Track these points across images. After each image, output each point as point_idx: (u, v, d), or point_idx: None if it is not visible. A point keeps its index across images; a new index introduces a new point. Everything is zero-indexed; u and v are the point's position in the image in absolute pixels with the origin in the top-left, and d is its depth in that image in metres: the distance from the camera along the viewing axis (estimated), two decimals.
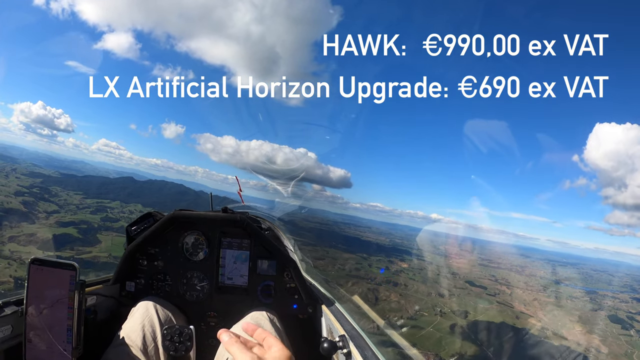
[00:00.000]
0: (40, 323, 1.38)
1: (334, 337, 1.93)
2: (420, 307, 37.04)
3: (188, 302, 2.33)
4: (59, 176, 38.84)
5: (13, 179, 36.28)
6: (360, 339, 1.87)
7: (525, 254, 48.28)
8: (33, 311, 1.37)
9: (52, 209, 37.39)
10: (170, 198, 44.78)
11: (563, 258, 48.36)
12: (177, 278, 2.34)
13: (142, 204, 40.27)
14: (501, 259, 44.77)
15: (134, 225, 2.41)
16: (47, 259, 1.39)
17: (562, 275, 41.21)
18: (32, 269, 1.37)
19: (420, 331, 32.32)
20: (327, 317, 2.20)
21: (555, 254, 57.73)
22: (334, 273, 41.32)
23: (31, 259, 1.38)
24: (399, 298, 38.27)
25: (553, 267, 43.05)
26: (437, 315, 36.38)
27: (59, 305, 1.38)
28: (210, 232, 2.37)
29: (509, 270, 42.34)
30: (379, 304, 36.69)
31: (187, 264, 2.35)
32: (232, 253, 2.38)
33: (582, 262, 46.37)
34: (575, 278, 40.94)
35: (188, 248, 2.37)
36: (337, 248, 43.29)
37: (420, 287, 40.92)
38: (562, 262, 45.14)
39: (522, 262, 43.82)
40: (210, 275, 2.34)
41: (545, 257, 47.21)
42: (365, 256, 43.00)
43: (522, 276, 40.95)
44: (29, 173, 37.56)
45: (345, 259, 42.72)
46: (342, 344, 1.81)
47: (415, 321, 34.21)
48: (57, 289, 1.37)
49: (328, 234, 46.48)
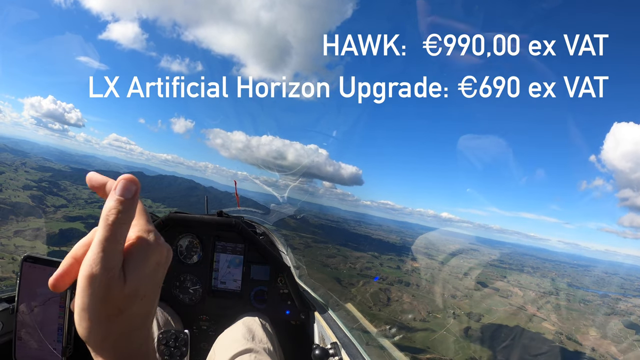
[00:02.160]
0: (31, 321, 1.20)
1: (325, 345, 1.91)
2: (433, 308, 36.93)
3: (180, 305, 2.32)
4: (69, 170, 38.35)
5: (22, 173, 35.92)
6: (353, 347, 1.86)
7: (537, 255, 48.13)
8: (24, 309, 1.18)
9: (60, 203, 37.02)
10: (180, 193, 44.43)
11: (574, 260, 48.28)
12: (170, 280, 2.32)
13: (151, 199, 39.91)
14: (512, 260, 44.63)
15: None
16: (41, 257, 1.16)
17: (573, 277, 41.09)
18: (24, 267, 1.16)
19: (433, 334, 32.21)
20: (320, 324, 2.19)
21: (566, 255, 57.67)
22: (345, 272, 41.17)
23: (24, 256, 1.14)
24: (411, 299, 38.14)
25: (564, 269, 42.95)
26: (450, 318, 36.30)
27: (50, 304, 1.19)
28: (205, 235, 2.36)
29: (520, 271, 42.22)
30: (391, 305, 36.56)
31: (181, 266, 2.34)
32: (226, 257, 2.37)
33: (593, 264, 46.31)
34: (587, 281, 40.87)
35: (182, 251, 2.35)
36: (348, 246, 43.07)
37: (432, 288, 40.82)
38: (573, 264, 45.05)
39: (533, 264, 43.69)
40: (203, 279, 2.34)
41: (556, 258, 47.06)
42: (377, 255, 42.81)
43: (534, 278, 40.82)
44: (39, 167, 37.12)
45: (356, 257, 42.56)
46: (334, 351, 1.78)
47: (428, 323, 34.10)
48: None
49: (339, 232, 46.29)
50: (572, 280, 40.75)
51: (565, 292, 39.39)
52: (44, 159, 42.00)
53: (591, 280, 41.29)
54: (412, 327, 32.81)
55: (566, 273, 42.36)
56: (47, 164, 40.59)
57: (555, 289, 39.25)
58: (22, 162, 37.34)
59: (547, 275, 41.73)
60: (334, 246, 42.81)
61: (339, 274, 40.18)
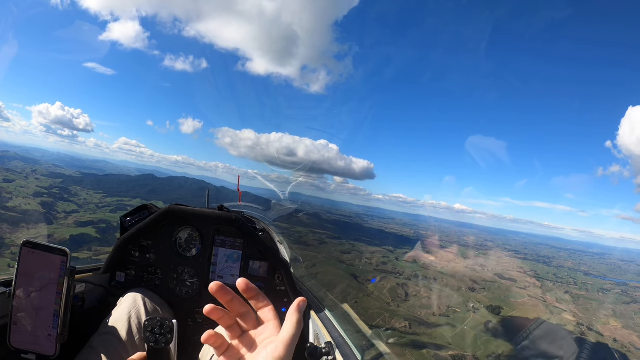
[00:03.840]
0: (27, 306, 1.38)
1: (320, 344, 1.84)
2: (452, 302, 36.84)
3: (177, 297, 2.30)
4: (80, 176, 37.77)
5: (32, 181, 35.44)
6: (347, 347, 1.85)
7: (551, 245, 47.95)
8: (21, 294, 1.37)
9: (71, 209, 36.74)
10: (191, 194, 44.01)
11: (588, 248, 48.18)
12: (168, 272, 2.31)
13: (163, 200, 39.51)
14: (527, 250, 44.46)
15: (129, 216, 2.38)
16: (40, 243, 1.37)
17: (590, 266, 41.02)
18: (23, 252, 1.36)
19: (454, 329, 32.14)
20: (315, 323, 2.17)
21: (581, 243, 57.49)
22: (361, 267, 41.01)
23: (23, 241, 1.35)
24: (429, 293, 38.04)
25: (580, 258, 42.83)
26: (470, 312, 36.24)
27: (47, 289, 1.39)
28: (205, 229, 2.34)
29: (536, 261, 42.14)
30: (410, 300, 36.46)
31: (179, 259, 2.33)
32: (225, 252, 2.36)
33: (607, 252, 46.12)
34: (603, 269, 40.78)
35: (181, 243, 2.34)
36: (362, 241, 42.88)
37: (449, 281, 40.72)
38: (588, 252, 44.89)
39: (549, 253, 43.54)
40: (201, 272, 2.32)
41: (571, 247, 46.96)
42: (392, 249, 42.60)
43: (551, 267, 40.77)
44: (49, 174, 36.54)
45: (371, 252, 42.36)
46: (328, 350, 1.73)
47: (447, 318, 34.03)
48: (47, 273, 1.38)
49: (352, 227, 45.97)
50: (589, 269, 40.66)
51: (582, 281, 39.32)
52: (55, 166, 41.40)
53: (607, 268, 41.21)
54: (432, 323, 32.72)
55: (582, 262, 42.24)
56: (58, 170, 39.77)
57: (573, 278, 39.18)
58: (33, 169, 36.72)
59: (563, 264, 41.64)
60: (348, 242, 42.60)
61: (355, 270, 40.03)
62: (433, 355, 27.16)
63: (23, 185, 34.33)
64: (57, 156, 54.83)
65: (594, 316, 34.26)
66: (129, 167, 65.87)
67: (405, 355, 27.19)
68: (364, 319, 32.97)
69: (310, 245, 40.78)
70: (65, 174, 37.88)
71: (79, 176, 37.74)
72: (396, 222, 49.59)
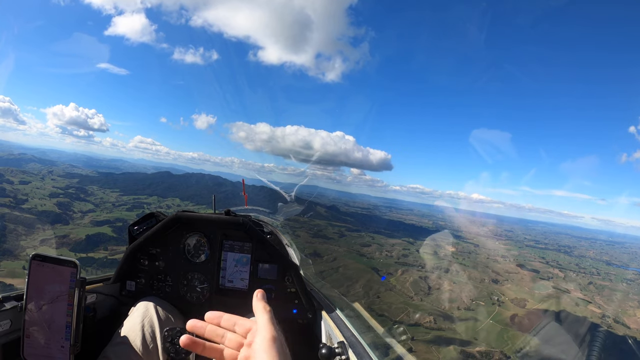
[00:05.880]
0: (39, 319, 1.37)
1: (332, 344, 1.87)
2: (476, 295, 36.57)
3: (188, 304, 2.30)
4: (96, 175, 36.98)
5: (49, 181, 34.88)
6: (360, 346, 1.82)
7: (571, 234, 47.50)
8: (32, 307, 1.36)
9: (87, 208, 36.30)
10: (207, 190, 43.42)
11: (609, 237, 47.73)
12: (178, 279, 2.31)
13: (179, 197, 38.93)
14: (548, 239, 44.03)
15: (136, 225, 2.37)
16: (49, 255, 1.36)
17: (611, 255, 40.65)
18: (33, 265, 1.35)
19: (479, 324, 31.94)
20: (327, 323, 2.15)
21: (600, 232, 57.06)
22: (382, 261, 40.68)
23: (32, 254, 1.34)
24: (452, 286, 37.79)
25: (601, 247, 42.44)
26: (495, 305, 36.02)
27: (58, 301, 1.37)
28: (212, 234, 2.34)
29: (557, 251, 41.77)
30: (432, 294, 36.23)
31: (188, 265, 2.33)
32: (234, 256, 2.34)
33: (628, 240, 45.60)
34: (625, 258, 40.44)
35: (190, 249, 2.34)
36: (382, 234, 42.49)
37: (472, 273, 40.40)
38: (608, 241, 44.40)
39: (569, 242, 43.09)
40: (210, 278, 2.32)
41: (591, 236, 46.51)
42: (412, 241, 42.23)
43: (572, 257, 40.42)
44: (66, 174, 35.76)
45: (391, 244, 41.99)
46: (341, 350, 1.75)
47: (472, 312, 33.85)
48: (58, 285, 1.38)
49: (370, 219, 45.46)
50: (611, 258, 40.28)
51: (605, 271, 39.04)
52: (72, 166, 40.41)
53: (629, 257, 40.83)
54: (457, 317, 32.53)
55: (603, 251, 41.85)
56: (75, 171, 38.73)
57: (595, 268, 38.88)
58: (49, 170, 35.79)
59: (584, 254, 41.27)
60: (367, 234, 42.21)
61: (376, 263, 39.69)
62: (460, 352, 27.00)
63: (39, 186, 33.77)
64: (73, 157, 54.09)
65: (620, 308, 34.00)
66: (146, 165, 65.11)
67: (431, 352, 27.03)
68: (387, 314, 32.66)
69: (330, 239, 40.41)
70: (82, 173, 37.19)
71: (96, 175, 37.04)
72: (414, 213, 49.07)
